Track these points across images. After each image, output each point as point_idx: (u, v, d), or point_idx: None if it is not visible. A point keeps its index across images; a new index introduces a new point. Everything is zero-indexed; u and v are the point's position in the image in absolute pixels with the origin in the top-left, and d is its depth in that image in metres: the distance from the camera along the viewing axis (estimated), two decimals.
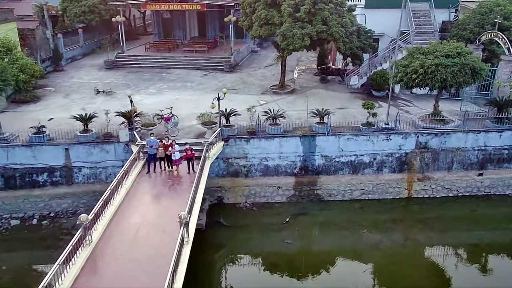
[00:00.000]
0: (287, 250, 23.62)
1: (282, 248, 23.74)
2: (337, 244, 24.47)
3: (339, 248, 24.16)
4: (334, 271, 22.30)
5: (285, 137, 27.17)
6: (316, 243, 24.74)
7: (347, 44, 32.28)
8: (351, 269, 22.58)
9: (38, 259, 23.22)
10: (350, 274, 22.07)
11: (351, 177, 27.85)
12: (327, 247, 24.23)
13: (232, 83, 40.30)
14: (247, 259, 23.45)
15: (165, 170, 24.14)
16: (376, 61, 37.81)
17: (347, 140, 27.35)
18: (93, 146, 26.48)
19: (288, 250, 23.61)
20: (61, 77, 42.25)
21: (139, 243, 17.42)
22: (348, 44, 32.31)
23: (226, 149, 27.01)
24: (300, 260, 23.06)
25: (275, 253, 23.72)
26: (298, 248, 23.97)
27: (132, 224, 18.80)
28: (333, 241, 24.68)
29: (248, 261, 23.32)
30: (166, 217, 19.34)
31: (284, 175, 27.74)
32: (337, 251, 23.85)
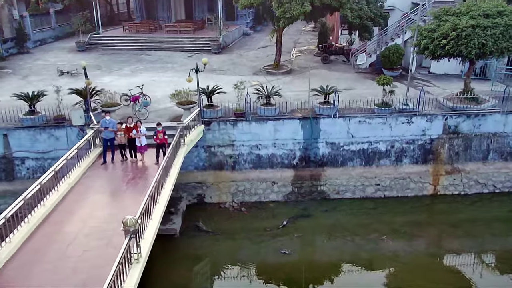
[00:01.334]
0: (284, 263, 18.22)
1: (277, 260, 18.35)
2: (347, 255, 19.00)
3: (349, 259, 18.71)
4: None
5: (281, 119, 21.70)
6: (320, 253, 19.35)
7: (355, 12, 26.88)
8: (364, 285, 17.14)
9: None
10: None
11: (363, 170, 22.42)
12: (335, 258, 18.81)
13: (220, 64, 34.91)
14: (233, 274, 18.05)
15: (127, 161, 18.66)
16: (387, 37, 32.36)
17: (358, 124, 21.91)
18: (39, 132, 20.98)
19: (285, 263, 18.22)
20: (24, 60, 36.80)
21: (67, 265, 11.91)
22: (357, 12, 26.89)
23: (208, 134, 21.55)
24: (301, 276, 17.65)
25: (269, 266, 18.37)
26: (298, 260, 18.60)
27: (65, 234, 13.31)
28: (342, 250, 19.24)
29: (235, 276, 17.86)
30: (115, 224, 13.83)
31: (280, 167, 22.30)
32: (347, 263, 18.49)
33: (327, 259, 18.73)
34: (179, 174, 21.53)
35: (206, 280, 17.80)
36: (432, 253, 19.50)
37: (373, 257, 18.69)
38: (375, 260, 18.59)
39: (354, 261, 18.50)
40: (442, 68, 29.92)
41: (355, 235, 19.81)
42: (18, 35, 39.01)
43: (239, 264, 18.39)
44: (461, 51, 20.62)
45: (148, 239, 12.53)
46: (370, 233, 19.93)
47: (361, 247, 19.16)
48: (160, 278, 17.15)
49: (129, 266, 11.06)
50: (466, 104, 22.63)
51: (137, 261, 11.49)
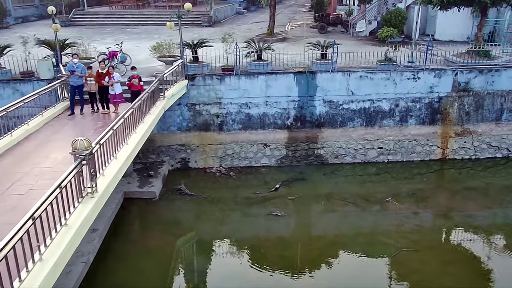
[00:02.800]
0: (276, 227, 15.93)
1: (268, 224, 16.09)
2: (349, 218, 16.67)
3: (351, 222, 16.41)
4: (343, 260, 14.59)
5: (273, 74, 19.50)
6: (318, 216, 17.06)
7: None
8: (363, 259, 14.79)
9: None
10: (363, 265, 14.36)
11: (364, 131, 20.24)
12: (334, 221, 16.51)
13: (210, 34, 32.68)
14: (217, 236, 15.71)
15: (98, 112, 16.42)
16: (388, 3, 30.24)
17: (359, 79, 19.75)
18: (2, 86, 18.72)
19: (277, 227, 15.92)
20: (2, 33, 34.52)
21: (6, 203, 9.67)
22: None
23: (192, 91, 19.35)
24: (295, 243, 15.33)
25: (258, 231, 16.02)
26: (292, 225, 16.37)
27: (11, 175, 11.07)
28: (343, 213, 16.90)
29: (219, 243, 15.55)
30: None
31: (272, 128, 20.10)
32: (348, 226, 16.17)
33: (325, 221, 16.45)
34: (161, 135, 19.46)
35: (187, 243, 15.53)
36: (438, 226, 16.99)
37: (377, 220, 16.47)
38: (379, 222, 16.36)
39: (356, 223, 16.24)
40: (447, 34, 27.85)
41: (359, 198, 17.50)
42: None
43: (224, 229, 16.13)
44: None
45: (108, 178, 10.26)
46: (374, 198, 17.68)
47: (364, 209, 16.89)
48: (137, 243, 14.97)
49: (78, 199, 8.80)
50: (477, 59, 20.48)
51: (91, 195, 9.24)
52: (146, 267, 13.71)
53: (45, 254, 7.21)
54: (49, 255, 7.24)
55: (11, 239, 6.23)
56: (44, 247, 7.24)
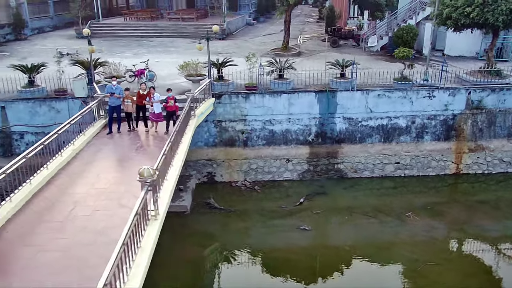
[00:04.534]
0: (303, 240, 16.90)
1: (296, 238, 17.03)
2: (371, 232, 17.61)
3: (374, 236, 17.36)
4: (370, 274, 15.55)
5: (296, 92, 20.48)
6: (342, 230, 17.96)
7: None
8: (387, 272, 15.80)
9: None
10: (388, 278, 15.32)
11: (382, 147, 21.22)
12: (358, 235, 17.46)
13: (225, 47, 33.80)
14: (248, 251, 16.63)
15: (134, 131, 17.34)
16: (398, 19, 31.27)
17: (377, 98, 20.74)
18: (38, 104, 19.68)
19: (304, 240, 16.90)
20: (22, 45, 35.56)
21: (75, 224, 10.59)
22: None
23: (218, 108, 20.31)
24: (322, 254, 16.36)
25: (286, 243, 16.94)
26: (319, 237, 17.32)
27: (71, 196, 11.99)
28: (366, 227, 17.84)
29: (250, 254, 16.50)
30: (124, 186, 12.58)
31: (295, 144, 21.07)
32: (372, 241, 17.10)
33: (350, 235, 17.40)
34: (189, 151, 20.32)
35: (218, 256, 16.43)
36: (452, 237, 18.00)
37: (397, 233, 17.41)
38: (400, 236, 17.31)
39: (379, 237, 17.20)
40: (457, 49, 28.90)
41: (378, 212, 18.46)
42: (16, 21, 37.70)
43: (254, 241, 17.08)
44: (487, 18, 19.51)
45: (165, 199, 11.22)
46: (393, 211, 18.63)
47: (386, 224, 17.86)
48: (170, 255, 15.82)
49: (146, 223, 9.75)
50: (489, 78, 21.48)
51: (154, 218, 10.20)
52: (183, 276, 14.65)
53: (130, 276, 8.13)
54: (132, 277, 8.16)
55: (112, 267, 7.15)
56: (129, 268, 8.16)
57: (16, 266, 8.97)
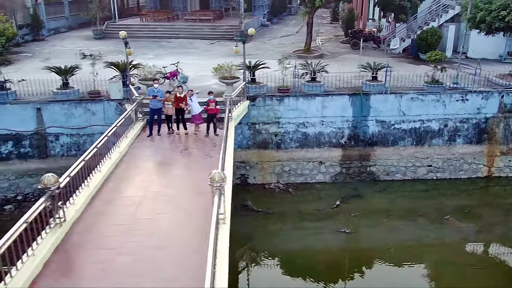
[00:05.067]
0: (344, 243, 16.97)
1: (336, 240, 17.08)
2: (412, 235, 17.69)
3: (416, 239, 17.43)
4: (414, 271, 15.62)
5: (330, 95, 20.53)
6: (382, 233, 17.99)
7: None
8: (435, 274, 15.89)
9: None
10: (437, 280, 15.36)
11: (414, 150, 21.28)
12: (400, 238, 17.53)
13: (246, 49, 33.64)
14: (289, 254, 16.67)
15: (174, 133, 17.39)
16: (419, 21, 31.31)
17: (410, 101, 20.80)
18: (74, 106, 19.71)
19: (345, 243, 16.98)
20: (41, 46, 35.58)
21: (140, 227, 10.63)
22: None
23: (252, 111, 20.37)
24: (364, 256, 16.39)
25: (327, 246, 17.02)
26: (359, 240, 17.35)
27: (128, 199, 12.03)
28: (406, 231, 17.94)
29: (290, 256, 16.57)
30: (179, 189, 12.66)
31: (327, 146, 21.12)
32: (413, 249, 17.20)
33: (391, 238, 17.48)
34: None
35: (257, 260, 16.47)
36: (492, 240, 18.07)
37: (439, 236, 17.48)
38: (440, 240, 17.37)
39: (420, 240, 17.27)
40: (480, 52, 28.87)
41: (416, 215, 18.52)
42: (34, 22, 37.74)
43: (294, 243, 17.12)
44: None
45: (228, 202, 11.27)
46: (430, 214, 18.69)
47: (425, 227, 17.93)
48: None
49: (218, 227, 9.80)
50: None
51: (223, 221, 10.25)
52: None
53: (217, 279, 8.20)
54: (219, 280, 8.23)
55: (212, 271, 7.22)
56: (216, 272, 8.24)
57: (93, 269, 9.00)
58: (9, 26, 29.84)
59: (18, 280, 8.25)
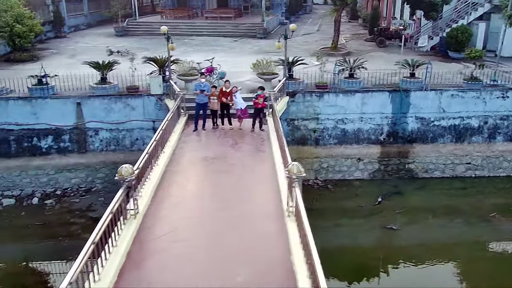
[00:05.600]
0: (393, 239, 16.86)
1: (384, 236, 16.96)
2: (461, 233, 17.53)
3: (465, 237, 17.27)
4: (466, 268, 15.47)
5: (370, 91, 20.41)
6: (430, 230, 17.82)
7: None
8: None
9: (40, 251, 16.29)
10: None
11: (454, 147, 21.14)
12: (446, 237, 17.38)
13: (271, 47, 33.49)
14: (337, 250, 16.50)
15: (218, 128, 17.28)
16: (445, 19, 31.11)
17: (451, 98, 20.66)
18: (114, 101, 19.64)
19: (393, 239, 16.85)
20: (64, 42, 35.61)
21: (211, 220, 10.55)
22: None
23: (292, 107, 20.27)
24: (418, 255, 16.16)
25: (374, 243, 16.86)
26: (407, 236, 17.20)
27: (191, 192, 11.98)
28: (454, 228, 17.78)
29: (339, 252, 16.36)
30: (241, 183, 12.57)
31: (366, 143, 21.01)
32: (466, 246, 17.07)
33: (439, 235, 17.34)
34: None
35: None
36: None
37: (485, 235, 17.34)
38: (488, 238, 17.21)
39: (468, 237, 17.15)
40: (509, 50, 28.62)
41: (461, 212, 18.38)
42: (55, 19, 37.73)
43: (342, 239, 17.01)
44: None
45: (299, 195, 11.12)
46: (475, 211, 18.54)
47: (472, 224, 17.79)
48: None
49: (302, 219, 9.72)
50: None
51: (293, 214, 10.15)
52: None
53: None
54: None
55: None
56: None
57: (175, 261, 8.91)
58: (37, 22, 29.82)
59: (108, 272, 8.15)
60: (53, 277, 15.02)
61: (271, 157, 14.36)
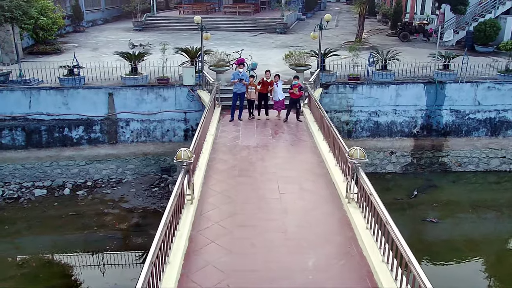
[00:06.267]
0: (434, 232, 16.48)
1: (427, 229, 16.67)
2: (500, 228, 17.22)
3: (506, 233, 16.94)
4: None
5: (404, 83, 20.09)
6: (471, 224, 17.43)
7: None
8: None
9: (72, 242, 16.04)
10: None
11: (488, 141, 20.77)
12: (490, 231, 17.05)
13: (292, 41, 33.51)
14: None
15: (254, 118, 17.03)
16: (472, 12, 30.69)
17: (487, 90, 20.31)
18: (146, 91, 19.42)
19: (435, 232, 16.51)
20: (83, 36, 35.50)
21: (270, 205, 10.31)
22: None
23: (325, 98, 19.99)
24: (460, 248, 15.82)
25: (415, 236, 16.48)
26: (449, 230, 16.86)
27: (242, 180, 11.77)
28: (495, 223, 17.46)
29: None
30: (292, 170, 12.32)
31: (399, 136, 20.69)
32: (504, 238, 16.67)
33: (482, 229, 17.02)
34: None
35: None
36: None
37: None
38: None
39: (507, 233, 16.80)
40: None
41: (502, 206, 18.03)
42: (75, 13, 37.65)
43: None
44: None
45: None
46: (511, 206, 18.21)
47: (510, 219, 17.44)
48: None
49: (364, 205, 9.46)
50: None
51: (353, 199, 9.88)
52: None
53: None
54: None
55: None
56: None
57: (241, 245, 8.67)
58: (60, 15, 29.73)
59: (175, 256, 7.92)
60: (89, 269, 14.84)
61: (314, 146, 14.12)
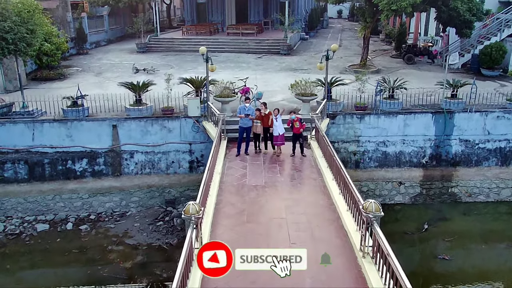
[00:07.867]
0: (447, 270, 16.03)
1: (441, 268, 16.17)
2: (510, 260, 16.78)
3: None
4: None
5: (412, 113, 19.80)
6: (485, 260, 16.97)
7: (464, 4, 25.10)
8: None
9: (76, 278, 15.65)
10: None
11: (499, 171, 20.40)
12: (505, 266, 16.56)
13: (297, 64, 33.37)
14: None
15: (261, 153, 16.72)
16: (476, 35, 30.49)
17: (496, 119, 20.01)
18: (150, 123, 19.15)
19: (449, 270, 16.03)
20: (87, 59, 35.35)
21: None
22: (467, 4, 25.13)
23: (332, 129, 19.69)
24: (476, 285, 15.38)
25: (429, 274, 16.04)
26: (463, 267, 16.37)
27: (252, 226, 11.38)
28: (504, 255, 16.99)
29: None
30: (302, 216, 11.96)
31: (408, 166, 20.33)
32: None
33: (496, 265, 16.52)
34: None
35: None
36: None
37: None
38: None
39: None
40: None
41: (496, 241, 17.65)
42: (78, 35, 37.62)
43: None
44: None
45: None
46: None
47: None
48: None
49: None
50: None
51: (369, 254, 9.51)
52: None
53: None
54: None
55: None
56: None
57: None
58: (64, 40, 29.65)
59: None
60: None
61: (324, 186, 13.80)
